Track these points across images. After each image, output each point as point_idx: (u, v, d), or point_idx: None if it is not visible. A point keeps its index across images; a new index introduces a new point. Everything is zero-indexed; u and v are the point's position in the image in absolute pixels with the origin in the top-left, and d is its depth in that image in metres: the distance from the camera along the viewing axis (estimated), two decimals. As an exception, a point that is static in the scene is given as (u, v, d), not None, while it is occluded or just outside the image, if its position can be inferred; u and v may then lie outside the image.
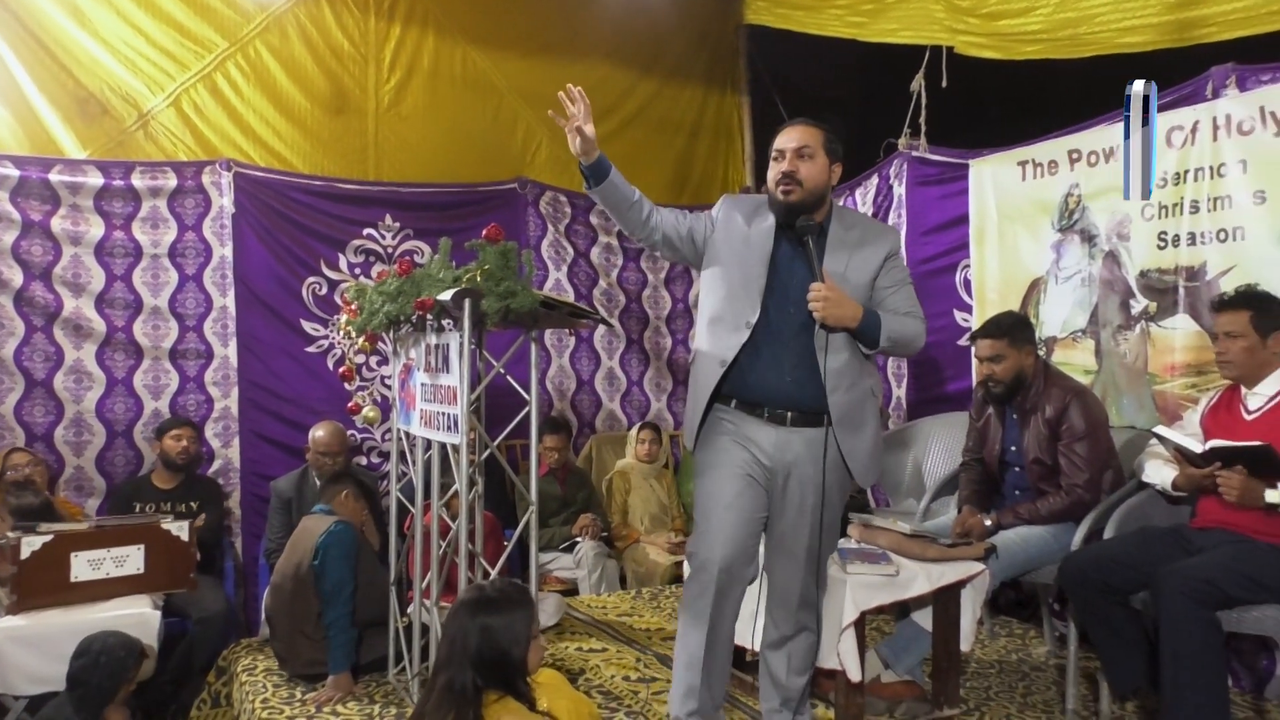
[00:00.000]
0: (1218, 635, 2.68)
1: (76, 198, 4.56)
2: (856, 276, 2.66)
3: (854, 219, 2.80)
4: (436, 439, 3.08)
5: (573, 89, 2.62)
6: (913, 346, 2.74)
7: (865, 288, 2.66)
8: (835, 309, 2.53)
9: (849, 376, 2.61)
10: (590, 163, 2.61)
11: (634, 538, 5.04)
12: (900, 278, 2.74)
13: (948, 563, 3.03)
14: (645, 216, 2.73)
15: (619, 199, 2.69)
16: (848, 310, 2.55)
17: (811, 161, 2.63)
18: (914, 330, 2.68)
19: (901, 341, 2.66)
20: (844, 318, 2.55)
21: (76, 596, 3.48)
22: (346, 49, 5.19)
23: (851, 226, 2.73)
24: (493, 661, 2.19)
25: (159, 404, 4.69)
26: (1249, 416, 2.98)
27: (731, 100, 6.29)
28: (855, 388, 2.63)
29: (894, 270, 2.73)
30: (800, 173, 2.62)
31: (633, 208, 2.71)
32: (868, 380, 2.67)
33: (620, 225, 2.79)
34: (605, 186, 2.64)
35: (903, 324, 2.65)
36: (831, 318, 2.53)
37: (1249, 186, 3.47)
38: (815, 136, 2.66)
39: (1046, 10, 4.06)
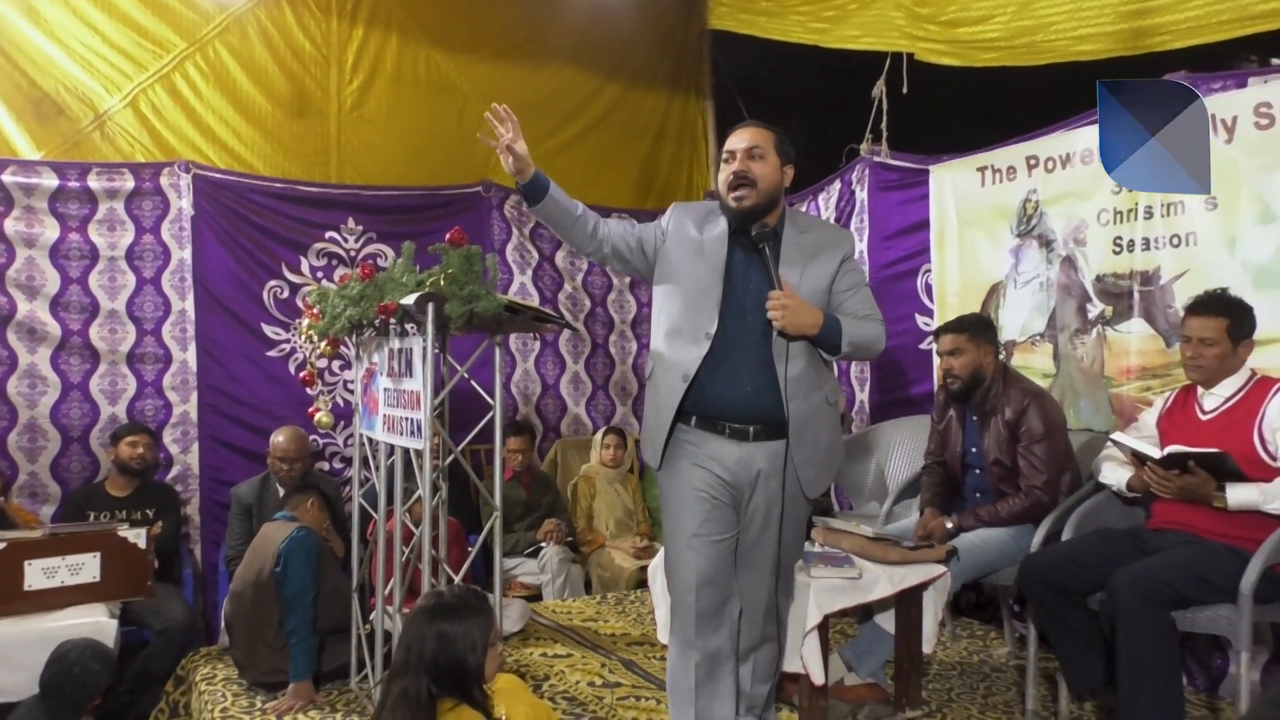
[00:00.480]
0: (1172, 635, 2.73)
1: (31, 199, 4.48)
2: (813, 282, 2.61)
3: (808, 223, 2.76)
4: (400, 444, 3.06)
5: (498, 108, 2.60)
6: (873, 349, 2.68)
7: (822, 292, 2.62)
8: (795, 317, 2.48)
9: (806, 384, 2.56)
10: (526, 181, 2.56)
11: (599, 542, 5.04)
12: (857, 280, 2.69)
13: (910, 565, 3.05)
14: (591, 230, 2.67)
15: (560, 215, 2.63)
16: (807, 318, 2.49)
17: (763, 162, 2.58)
18: (874, 333, 2.63)
19: (862, 345, 2.61)
20: (804, 325, 2.49)
21: (30, 605, 3.41)
22: (308, 50, 5.15)
23: (805, 230, 2.68)
24: (448, 669, 2.17)
25: (116, 409, 4.62)
26: (1204, 416, 3.04)
27: (696, 105, 6.31)
28: (812, 395, 2.58)
29: (850, 273, 2.69)
30: (753, 172, 2.56)
31: (576, 222, 2.65)
32: (825, 387, 2.63)
33: (566, 242, 2.73)
34: (545, 203, 2.58)
35: (862, 328, 2.60)
36: (791, 326, 2.48)
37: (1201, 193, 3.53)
38: (766, 137, 2.61)
39: (1004, 18, 4.11)
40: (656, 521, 5.22)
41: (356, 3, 5.26)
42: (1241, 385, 2.99)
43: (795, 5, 5.12)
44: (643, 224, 2.77)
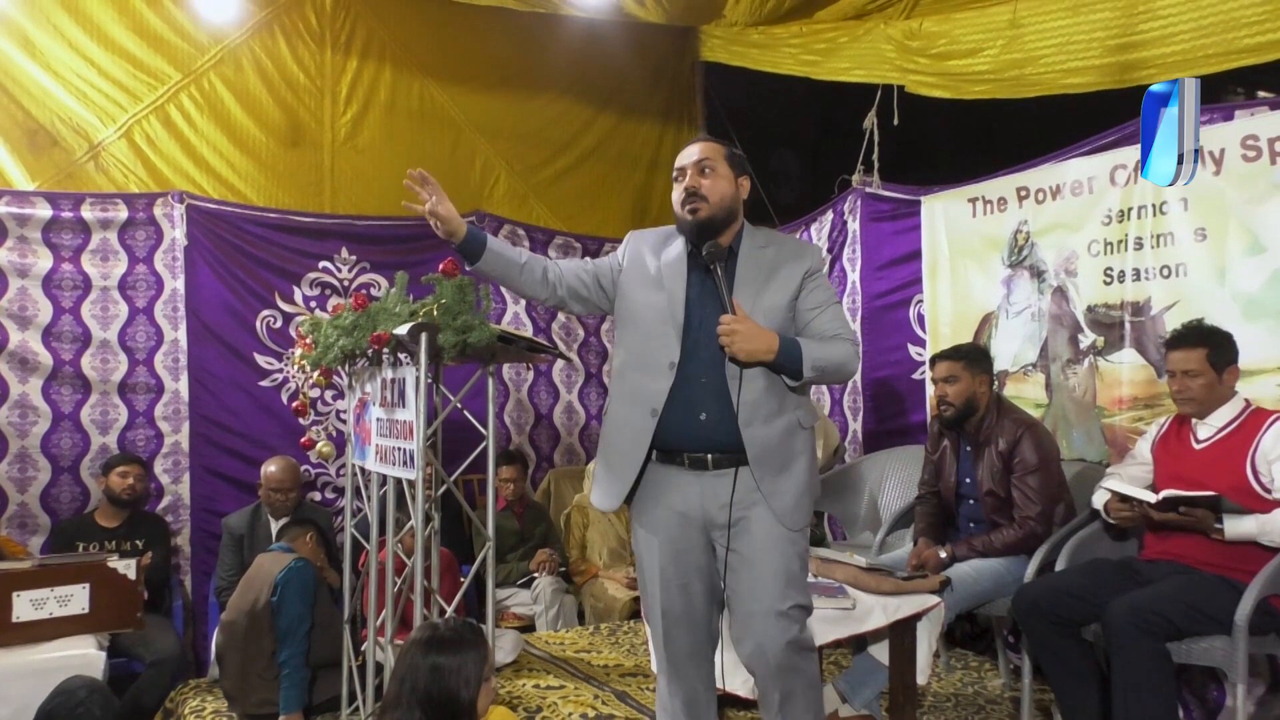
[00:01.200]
0: (1168, 666, 2.72)
1: (24, 229, 4.48)
2: (772, 299, 2.44)
3: (768, 237, 2.56)
4: (392, 474, 3.05)
5: (414, 172, 2.44)
6: (844, 372, 2.46)
7: (781, 310, 2.43)
8: (745, 342, 2.30)
9: (766, 408, 2.37)
10: (459, 241, 2.44)
11: (592, 573, 5.01)
12: (824, 298, 2.49)
13: (904, 596, 3.04)
14: (541, 276, 2.55)
15: (504, 267, 2.50)
16: (759, 343, 2.31)
17: (714, 175, 2.46)
18: (842, 354, 2.41)
19: (829, 369, 2.40)
20: (756, 351, 2.31)
21: (18, 637, 3.38)
22: (302, 81, 5.18)
23: (765, 245, 2.51)
24: (441, 702, 2.15)
25: (107, 439, 4.60)
26: (1198, 446, 3.05)
27: (689, 135, 6.34)
28: (775, 420, 2.38)
29: (816, 290, 2.49)
30: (703, 188, 2.44)
31: (523, 271, 2.52)
32: (792, 411, 2.42)
33: (516, 294, 2.63)
34: (484, 259, 2.46)
35: (828, 349, 2.40)
36: (742, 352, 2.30)
37: (1190, 224, 3.57)
38: (715, 150, 2.50)
39: (994, 51, 4.16)
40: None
41: (350, 34, 5.29)
42: (1236, 415, 3.01)
43: (786, 38, 5.18)
44: (597, 259, 2.67)
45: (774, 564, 2.37)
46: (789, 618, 2.37)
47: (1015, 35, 4.05)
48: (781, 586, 2.37)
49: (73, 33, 4.64)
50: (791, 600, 2.38)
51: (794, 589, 2.39)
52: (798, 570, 2.42)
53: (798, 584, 2.41)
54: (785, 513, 2.39)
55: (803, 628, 2.41)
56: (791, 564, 2.40)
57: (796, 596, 2.39)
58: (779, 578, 2.37)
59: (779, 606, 2.36)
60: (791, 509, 2.40)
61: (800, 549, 2.43)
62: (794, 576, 2.40)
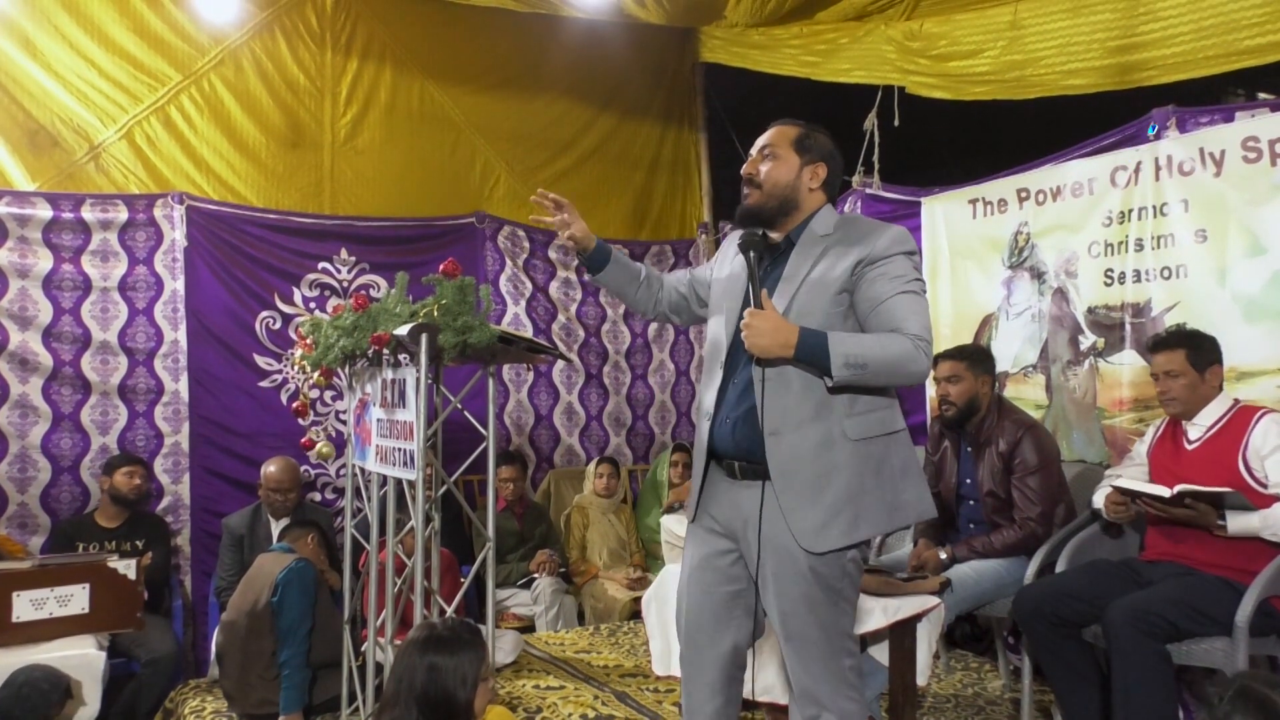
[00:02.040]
0: (1168, 667, 2.72)
1: (25, 230, 4.48)
2: (810, 293, 2.21)
3: (843, 225, 2.29)
4: (392, 475, 3.05)
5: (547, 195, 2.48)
6: (900, 372, 2.12)
7: (823, 306, 2.20)
8: (759, 337, 2.10)
9: (798, 414, 2.16)
10: (589, 254, 2.47)
11: (592, 573, 5.01)
12: (886, 290, 2.16)
13: (903, 597, 3.04)
14: (652, 291, 2.56)
15: (624, 280, 2.52)
16: (775, 337, 2.10)
17: (775, 161, 2.30)
18: (896, 351, 2.10)
19: (875, 366, 2.09)
20: (770, 348, 2.11)
21: (18, 637, 3.38)
22: (302, 82, 5.17)
23: (829, 232, 2.27)
24: (438, 702, 2.15)
25: (107, 439, 4.60)
26: (1190, 446, 3.06)
27: (689, 136, 6.35)
28: (808, 428, 2.16)
29: (877, 281, 2.17)
30: (759, 175, 2.29)
31: (640, 286, 2.53)
32: (836, 419, 2.17)
33: (629, 306, 2.59)
34: (607, 270, 2.49)
35: (874, 345, 2.11)
36: (757, 349, 2.12)
37: (1191, 225, 3.57)
38: (784, 135, 2.33)
39: (994, 52, 4.16)
40: (650, 552, 5.20)
41: (350, 35, 5.29)
42: (1223, 414, 3.02)
43: (787, 39, 5.18)
44: (697, 268, 2.62)
45: (788, 590, 2.18)
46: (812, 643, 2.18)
47: (1016, 36, 4.05)
48: (797, 612, 2.18)
49: (73, 33, 4.63)
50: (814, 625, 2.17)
51: (817, 614, 2.17)
52: (821, 596, 2.16)
53: (822, 609, 2.17)
54: (805, 534, 2.15)
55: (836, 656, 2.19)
56: (813, 590, 2.16)
57: (818, 622, 2.17)
58: (793, 602, 2.17)
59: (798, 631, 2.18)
60: (814, 531, 2.14)
61: (829, 573, 2.17)
62: (815, 602, 2.16)
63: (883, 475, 2.21)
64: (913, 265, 2.22)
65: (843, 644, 2.22)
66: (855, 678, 2.23)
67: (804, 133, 2.33)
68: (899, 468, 2.24)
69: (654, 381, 6.06)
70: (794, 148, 2.31)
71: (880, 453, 2.21)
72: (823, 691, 2.19)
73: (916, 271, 2.23)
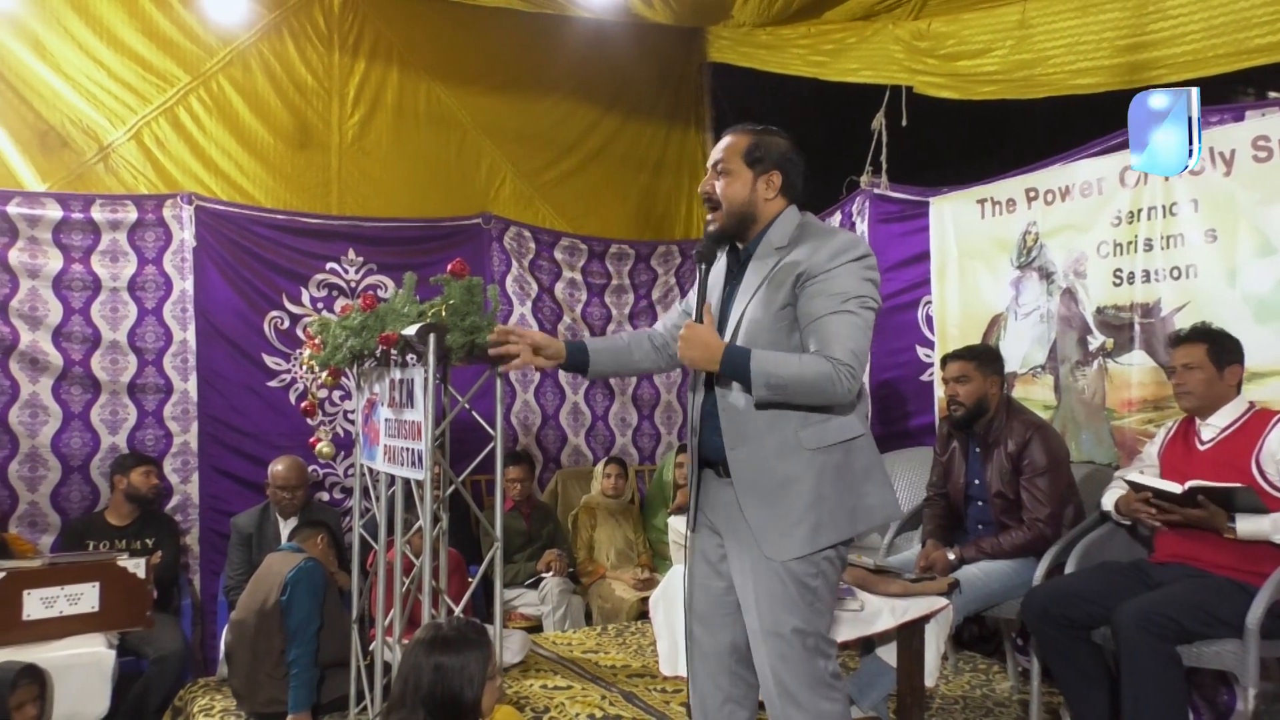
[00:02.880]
0: (1178, 670, 2.71)
1: (35, 230, 4.50)
2: (756, 309, 2.23)
3: (798, 234, 2.27)
4: (400, 474, 3.05)
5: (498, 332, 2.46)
6: (820, 392, 2.11)
7: (766, 322, 2.21)
8: (689, 349, 2.17)
9: (751, 427, 2.20)
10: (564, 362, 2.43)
11: (600, 573, 5.01)
12: (821, 307, 2.14)
13: (912, 598, 3.04)
14: (650, 347, 2.53)
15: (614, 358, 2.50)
16: (703, 352, 2.16)
17: (727, 177, 2.29)
18: (812, 374, 2.09)
19: (794, 388, 2.11)
20: (698, 361, 2.18)
21: (28, 635, 3.39)
22: (310, 83, 5.19)
23: (784, 244, 2.25)
24: (444, 702, 2.15)
25: (117, 439, 4.62)
26: (1202, 447, 3.05)
27: (695, 137, 6.35)
28: (765, 438, 2.19)
29: (814, 299, 2.15)
30: (715, 193, 2.31)
31: (632, 351, 2.51)
32: (791, 430, 2.18)
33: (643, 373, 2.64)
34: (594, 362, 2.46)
35: (793, 367, 2.11)
36: (686, 360, 2.19)
37: (1201, 225, 3.55)
38: (734, 148, 2.31)
39: (1002, 52, 4.15)
40: (657, 553, 5.20)
41: (358, 36, 5.30)
42: (1239, 416, 3.01)
43: (794, 39, 5.17)
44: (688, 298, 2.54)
45: (758, 588, 2.20)
46: (784, 641, 2.19)
47: (1024, 35, 4.04)
48: (769, 610, 2.20)
49: (83, 35, 4.65)
50: (788, 624, 2.18)
51: (789, 613, 2.18)
52: (795, 594, 2.18)
53: (794, 609, 2.18)
54: (768, 541, 2.18)
55: (810, 656, 2.20)
56: (788, 588, 2.18)
57: (792, 621, 2.18)
58: (765, 600, 2.20)
59: (769, 628, 2.20)
60: (776, 537, 2.17)
61: (798, 574, 2.18)
62: (790, 600, 2.18)
63: (843, 482, 2.21)
64: (859, 277, 2.18)
65: (817, 644, 2.22)
66: (832, 678, 2.23)
67: (754, 142, 2.30)
68: (860, 472, 2.24)
69: (660, 382, 6.06)
70: (744, 160, 2.29)
71: (839, 460, 2.21)
72: (800, 692, 2.19)
73: (863, 283, 2.18)
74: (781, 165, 2.30)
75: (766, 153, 2.30)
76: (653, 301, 6.03)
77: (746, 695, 2.40)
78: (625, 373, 2.57)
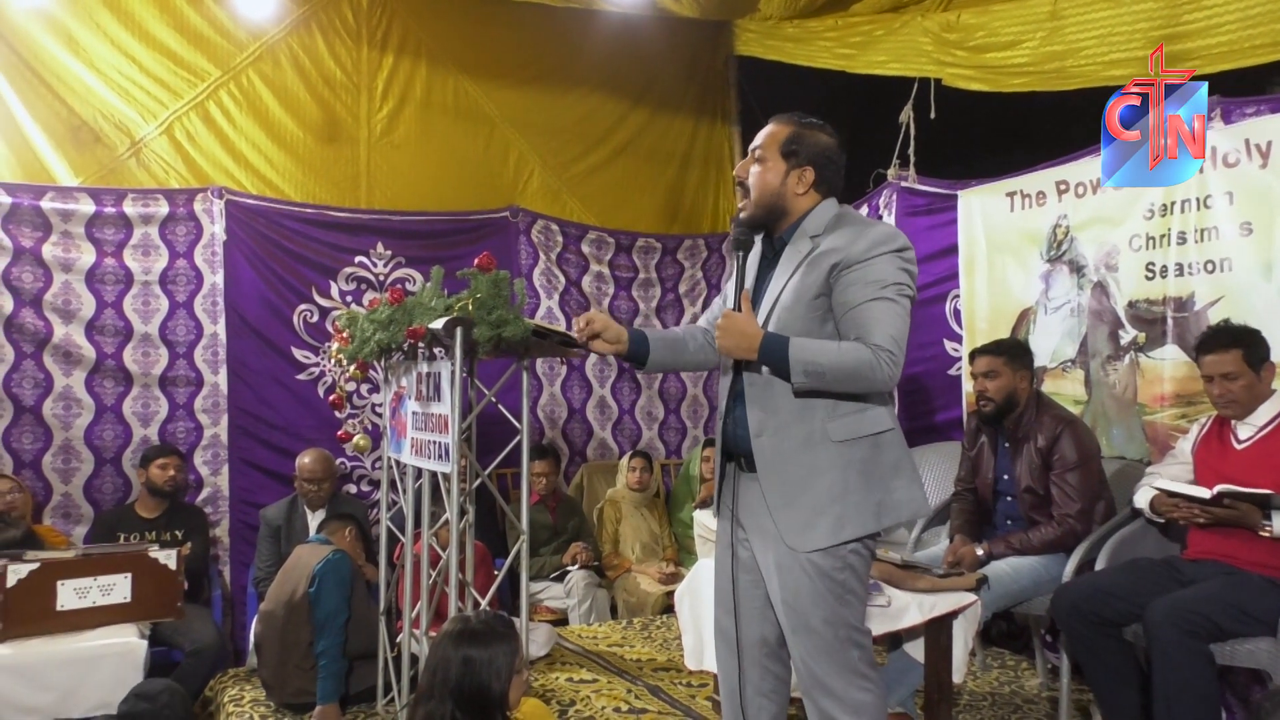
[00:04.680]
0: (1211, 668, 2.68)
1: (68, 225, 4.55)
2: (790, 297, 2.21)
3: (833, 223, 2.26)
4: (427, 467, 3.07)
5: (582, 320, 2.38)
6: (859, 380, 2.11)
7: (800, 310, 2.19)
8: (725, 339, 2.16)
9: (781, 417, 2.19)
10: (626, 352, 2.38)
11: (625, 567, 5.02)
12: (859, 295, 2.14)
13: (939, 593, 3.01)
14: (704, 340, 2.48)
15: (671, 351, 2.45)
16: (741, 341, 2.14)
17: (761, 165, 2.26)
18: (852, 361, 2.08)
19: (833, 375, 2.10)
20: (736, 349, 2.15)
21: (62, 625, 3.45)
22: (339, 78, 5.21)
23: (818, 234, 2.24)
24: (473, 694, 2.16)
25: (148, 431, 4.67)
26: (1239, 446, 3.00)
27: (722, 130, 6.33)
28: (791, 429, 2.18)
29: (852, 286, 2.15)
30: (748, 180, 2.28)
31: (689, 344, 2.48)
32: (819, 421, 2.17)
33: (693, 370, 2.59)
34: (653, 354, 2.41)
35: (832, 354, 2.10)
36: (723, 349, 2.18)
37: (1236, 218, 3.50)
38: (774, 138, 2.27)
39: (1033, 43, 4.10)
40: (683, 546, 5.20)
41: (386, 31, 5.32)
42: (1277, 413, 2.95)
43: (822, 31, 5.14)
44: None
45: (784, 582, 2.20)
46: (814, 634, 2.18)
47: (1056, 27, 3.99)
48: (796, 604, 2.19)
49: (115, 30, 4.70)
50: (817, 616, 2.17)
51: (816, 606, 2.17)
52: (821, 587, 2.16)
53: (822, 601, 2.17)
54: (790, 532, 2.17)
55: (842, 647, 2.19)
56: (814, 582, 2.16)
57: (820, 613, 2.17)
58: (791, 594, 2.19)
59: (799, 622, 2.19)
60: (799, 528, 2.16)
61: (824, 567, 2.16)
62: (817, 594, 2.17)
63: (870, 476, 2.19)
64: (897, 266, 2.18)
65: (849, 635, 2.20)
66: (866, 668, 2.22)
67: (794, 134, 2.27)
68: (889, 467, 2.22)
69: (686, 376, 6.04)
70: (780, 152, 2.26)
71: (866, 454, 2.19)
72: (834, 683, 2.18)
73: (900, 272, 2.19)
74: (816, 161, 2.27)
75: (803, 147, 2.26)
76: (679, 295, 6.02)
77: (775, 689, 2.39)
78: (680, 367, 2.53)
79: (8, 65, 4.51)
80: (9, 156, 4.53)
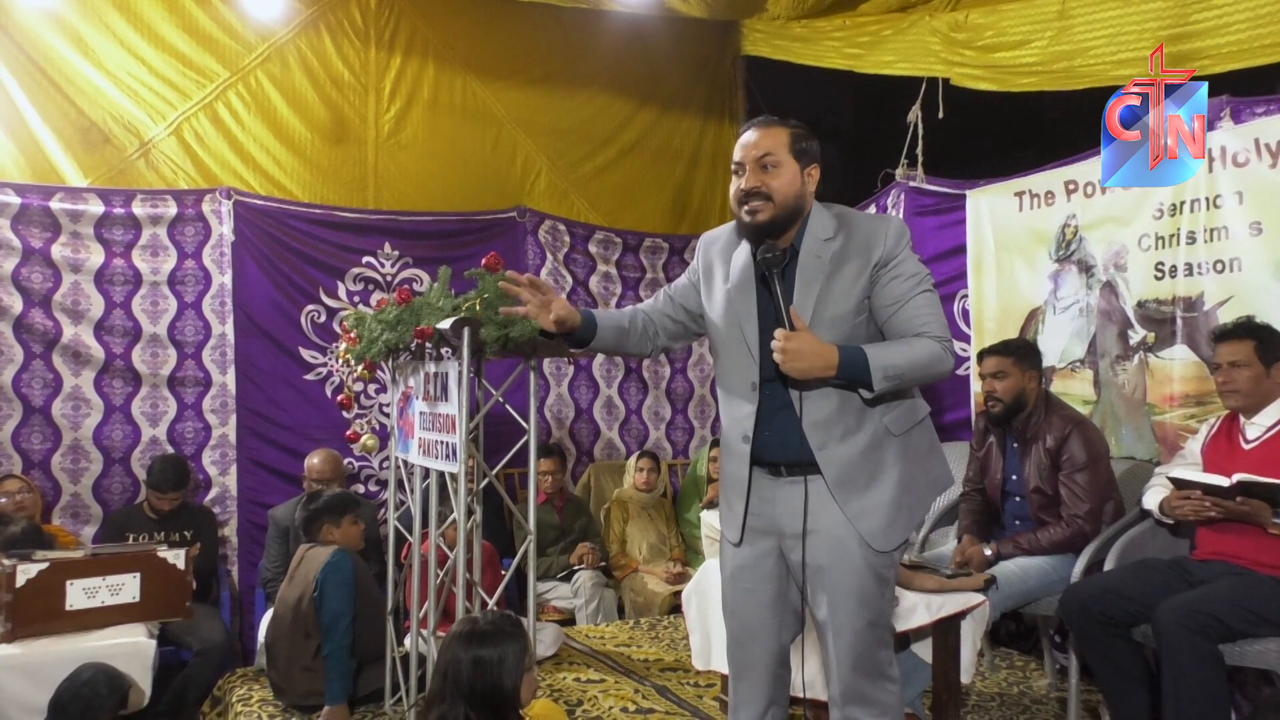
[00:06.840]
0: (1220, 668, 2.67)
1: (77, 225, 4.57)
2: (836, 307, 2.19)
3: (837, 224, 2.25)
4: (435, 467, 3.07)
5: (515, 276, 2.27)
6: (931, 373, 2.17)
7: (848, 318, 2.19)
8: (797, 361, 2.07)
9: (842, 425, 2.18)
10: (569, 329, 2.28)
11: (632, 567, 5.02)
12: (903, 290, 2.18)
13: (947, 594, 3.01)
14: (642, 330, 2.42)
15: (616, 337, 2.38)
16: (815, 360, 2.08)
17: (778, 171, 2.19)
18: (925, 355, 2.13)
19: (910, 373, 2.14)
20: (811, 370, 2.08)
21: (71, 625, 3.46)
22: (347, 78, 5.22)
23: (832, 237, 2.22)
24: (485, 695, 2.17)
25: (157, 431, 4.69)
26: (1247, 445, 2.99)
27: (729, 130, 6.32)
28: (854, 436, 2.19)
29: (894, 282, 2.18)
30: (767, 187, 2.18)
31: (629, 335, 2.40)
32: (876, 421, 2.21)
33: (628, 357, 2.54)
34: (599, 336, 2.34)
35: (905, 352, 2.13)
36: (796, 371, 2.08)
37: (1245, 218, 3.49)
38: (778, 139, 2.21)
39: (1042, 43, 4.09)
40: (690, 546, 5.20)
41: (394, 31, 5.33)
42: (1286, 414, 2.94)
43: (830, 31, 5.13)
44: (681, 284, 2.48)
45: (839, 583, 2.20)
46: (858, 636, 2.19)
47: (1064, 26, 3.98)
48: (845, 605, 2.19)
49: (124, 32, 4.72)
50: (864, 618, 2.19)
51: (866, 607, 2.20)
52: (873, 587, 2.20)
53: (872, 603, 2.20)
54: (875, 534, 2.19)
55: (875, 649, 2.22)
56: (866, 581, 2.19)
57: (868, 615, 2.20)
58: (842, 595, 2.19)
59: (847, 623, 2.19)
60: (883, 530, 2.19)
61: (882, 564, 2.21)
62: (868, 594, 2.20)
63: (920, 461, 2.30)
64: (917, 257, 2.28)
65: (883, 635, 2.27)
66: (890, 669, 2.27)
67: (796, 133, 2.25)
68: (927, 448, 2.34)
69: (693, 375, 6.05)
70: (791, 153, 2.22)
71: (915, 441, 2.30)
72: (864, 686, 2.22)
73: (921, 263, 2.28)
74: (819, 160, 2.29)
75: (809, 147, 2.26)
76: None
77: (782, 693, 2.40)
78: (616, 353, 2.51)
79: (17, 66, 4.53)
80: (18, 157, 4.55)
